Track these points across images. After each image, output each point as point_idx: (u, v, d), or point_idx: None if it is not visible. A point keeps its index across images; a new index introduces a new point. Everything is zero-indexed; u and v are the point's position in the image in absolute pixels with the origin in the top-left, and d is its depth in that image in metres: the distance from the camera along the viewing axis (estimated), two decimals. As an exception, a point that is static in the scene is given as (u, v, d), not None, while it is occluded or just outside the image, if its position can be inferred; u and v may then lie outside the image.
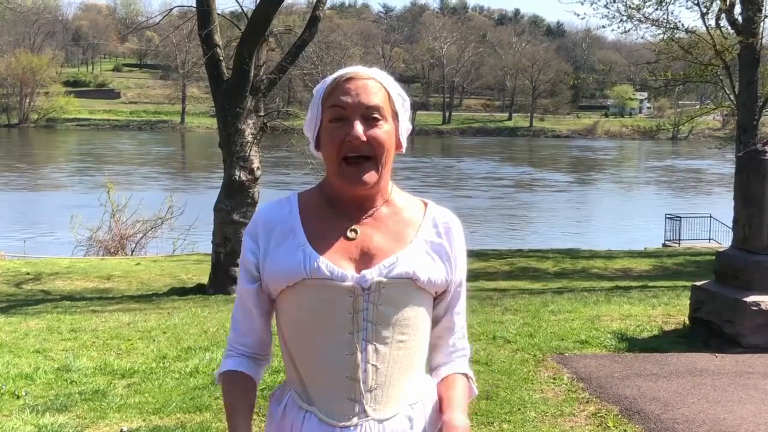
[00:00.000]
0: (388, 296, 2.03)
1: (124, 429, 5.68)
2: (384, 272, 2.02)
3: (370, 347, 2.03)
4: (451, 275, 2.13)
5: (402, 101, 2.11)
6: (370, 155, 2.02)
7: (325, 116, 2.05)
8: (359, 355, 2.02)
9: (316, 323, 2.03)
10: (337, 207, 2.09)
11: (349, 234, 2.06)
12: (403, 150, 2.13)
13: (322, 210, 2.10)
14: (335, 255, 2.03)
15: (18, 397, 6.39)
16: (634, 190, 56.53)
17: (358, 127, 2.00)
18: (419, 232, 2.11)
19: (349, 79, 2.03)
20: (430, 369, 2.20)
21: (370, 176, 2.04)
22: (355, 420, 2.02)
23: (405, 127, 2.12)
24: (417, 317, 2.08)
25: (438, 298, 2.15)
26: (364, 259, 2.04)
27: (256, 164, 15.28)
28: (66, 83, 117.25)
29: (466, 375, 2.19)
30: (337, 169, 2.03)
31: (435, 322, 2.17)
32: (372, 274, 2.02)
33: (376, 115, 2.02)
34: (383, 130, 2.03)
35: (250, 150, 15.18)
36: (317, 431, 2.02)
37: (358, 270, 2.03)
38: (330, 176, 2.08)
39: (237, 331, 2.18)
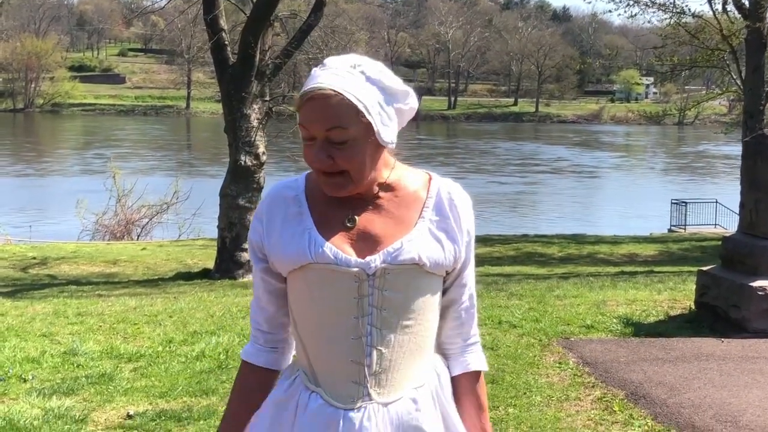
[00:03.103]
0: (394, 281, 2.02)
1: (131, 412, 5.70)
2: (389, 258, 2.01)
3: (375, 332, 2.03)
4: (458, 253, 2.11)
5: (381, 102, 2.00)
6: (340, 171, 2.00)
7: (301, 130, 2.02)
8: (364, 339, 2.02)
9: (322, 307, 2.03)
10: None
11: (348, 223, 2.05)
12: (392, 145, 2.05)
13: (324, 195, 2.09)
14: (339, 240, 2.03)
15: (25, 381, 6.41)
16: (639, 175, 56.44)
17: (319, 154, 1.97)
18: (424, 213, 2.09)
19: (310, 98, 1.96)
20: (439, 343, 2.19)
21: (347, 187, 2.02)
22: (359, 403, 2.02)
23: (388, 128, 2.02)
24: (424, 302, 2.07)
25: (447, 276, 2.14)
26: (369, 245, 2.03)
27: (261, 149, 15.29)
28: (71, 68, 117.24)
29: (479, 372, 2.22)
30: (318, 178, 2.03)
31: (444, 290, 2.16)
32: (376, 260, 2.01)
33: (338, 136, 1.96)
34: (348, 150, 1.97)
35: (256, 135, 15.18)
36: (322, 412, 2.02)
37: (362, 255, 2.02)
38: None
39: (252, 309, 2.21)
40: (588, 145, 77.10)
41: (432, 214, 2.09)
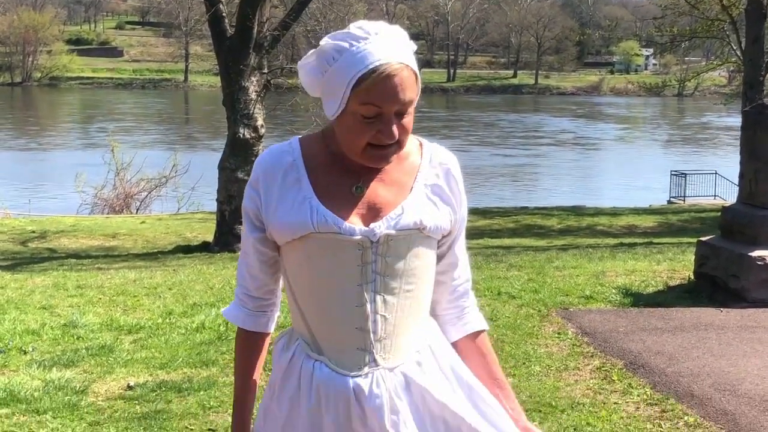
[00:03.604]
0: (396, 248, 2.03)
1: (131, 383, 5.72)
2: (392, 224, 2.02)
3: (379, 298, 2.03)
4: (454, 215, 2.14)
5: (415, 60, 2.04)
6: (396, 142, 2.00)
7: (354, 104, 1.95)
8: (368, 306, 2.02)
9: (325, 276, 2.03)
10: (343, 162, 2.06)
11: (355, 191, 2.04)
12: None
13: (327, 162, 2.07)
14: (342, 209, 2.02)
15: (25, 353, 6.43)
16: (640, 147, 56.32)
17: (394, 129, 1.96)
18: (418, 178, 2.10)
19: (387, 75, 1.93)
20: (434, 308, 2.20)
21: (393, 157, 2.04)
22: (366, 369, 2.03)
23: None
24: (423, 265, 2.09)
25: (442, 240, 2.15)
26: (371, 212, 2.03)
27: (260, 122, 15.24)
28: (68, 42, 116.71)
29: (481, 330, 2.26)
30: (360, 151, 2.00)
31: (438, 259, 2.17)
32: (380, 227, 2.01)
33: (408, 108, 1.99)
34: (408, 120, 2.01)
35: (254, 108, 15.12)
36: (329, 380, 2.02)
37: (366, 223, 2.01)
38: (348, 151, 2.03)
39: (241, 274, 2.19)
40: (590, 117, 76.95)
41: (426, 178, 2.11)
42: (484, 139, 56.35)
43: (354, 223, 2.01)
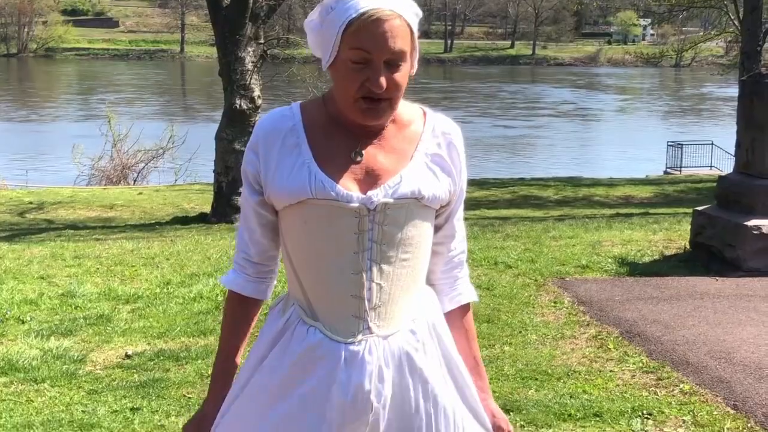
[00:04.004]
0: (393, 216, 2.03)
1: (129, 352, 5.75)
2: (390, 193, 2.01)
3: (375, 266, 2.03)
4: (453, 186, 2.13)
5: (416, 21, 2.03)
6: (387, 98, 1.99)
7: (344, 50, 1.96)
8: (364, 274, 2.03)
9: (321, 243, 2.03)
10: (343, 126, 2.06)
11: (355, 157, 2.04)
12: (414, 71, 2.08)
13: (327, 127, 2.07)
14: (340, 175, 2.01)
15: (23, 323, 6.45)
16: (639, 117, 56.18)
17: (382, 79, 1.95)
18: (419, 146, 2.09)
19: (376, 20, 1.93)
20: (429, 277, 2.21)
21: (386, 115, 2.02)
22: (359, 336, 2.03)
23: (417, 52, 2.07)
24: (420, 235, 2.09)
25: (440, 209, 2.15)
26: (369, 179, 2.03)
27: (256, 92, 15.19)
28: (64, 12, 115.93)
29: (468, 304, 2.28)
30: (352, 105, 1.99)
31: (436, 229, 2.18)
32: (378, 195, 2.01)
33: (399, 59, 1.98)
34: (402, 72, 1.99)
35: (251, 78, 15.07)
36: (322, 346, 2.03)
37: (364, 191, 2.01)
38: (340, 105, 2.04)
39: (241, 240, 2.18)
40: (590, 88, 76.69)
41: (427, 147, 2.10)
42: (486, 111, 56.17)
43: (351, 190, 2.00)
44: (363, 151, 2.05)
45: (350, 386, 1.99)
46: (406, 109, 2.13)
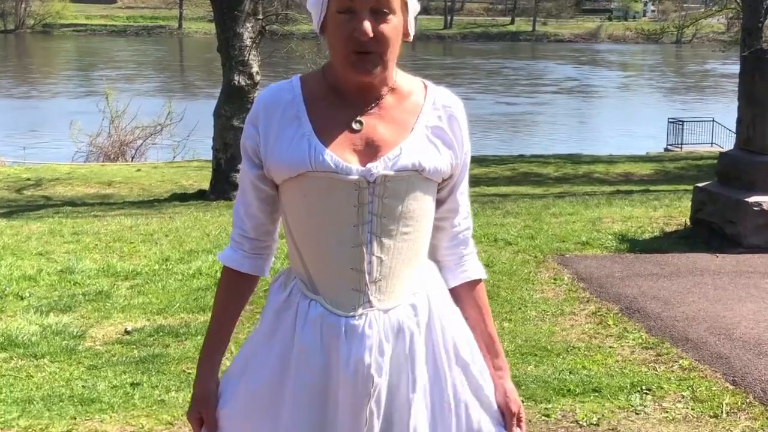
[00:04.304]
0: (394, 189, 2.01)
1: (129, 328, 5.75)
2: (389, 165, 1.99)
3: (375, 240, 2.02)
4: (455, 160, 2.11)
5: None
6: (376, 50, 1.97)
7: (332, 2, 1.97)
8: (364, 247, 2.01)
9: (321, 216, 2.01)
10: (342, 96, 2.04)
11: (354, 126, 2.02)
12: (411, 38, 2.06)
13: (326, 98, 2.05)
14: (340, 147, 2.00)
15: (22, 299, 6.45)
16: (640, 94, 56.01)
17: (366, 25, 1.93)
18: (420, 118, 2.07)
19: None
20: (434, 253, 2.20)
21: (376, 69, 1.99)
22: (360, 310, 2.02)
23: (413, 14, 2.05)
24: (421, 208, 2.07)
25: (442, 183, 2.13)
26: (369, 151, 2.01)
27: (255, 68, 15.11)
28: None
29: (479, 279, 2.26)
30: (343, 59, 1.98)
31: (439, 204, 2.16)
32: (377, 167, 1.99)
33: (385, 10, 1.95)
34: (391, 26, 1.97)
35: (249, 54, 14.99)
36: (322, 319, 2.02)
37: (363, 163, 1.99)
38: (335, 65, 2.03)
39: (238, 215, 2.16)
40: (594, 64, 76.41)
41: (428, 120, 2.08)
42: (489, 87, 55.97)
43: (351, 162, 1.99)
44: (363, 121, 2.03)
45: (350, 360, 1.99)
46: (406, 81, 2.11)
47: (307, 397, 2.01)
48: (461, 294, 2.22)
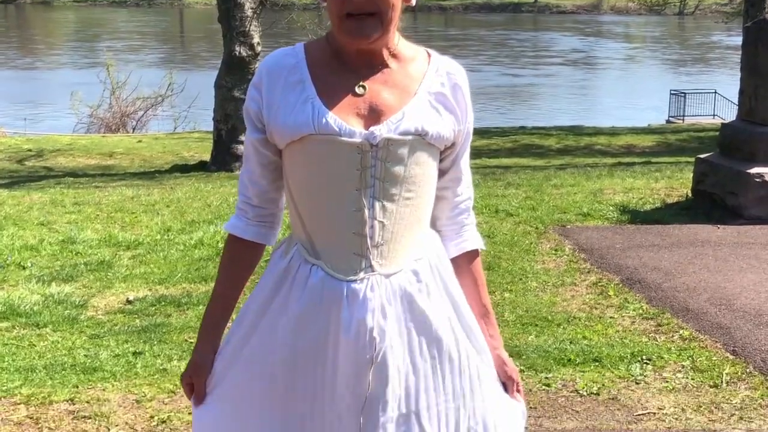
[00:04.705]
0: (396, 153, 2.00)
1: (131, 298, 5.76)
2: (392, 129, 1.99)
3: (377, 204, 2.02)
4: (458, 126, 2.11)
5: None
6: (374, 11, 1.96)
7: None
8: (366, 211, 2.01)
9: (323, 179, 2.01)
10: (345, 61, 2.04)
11: (358, 90, 2.02)
12: (413, 2, 2.06)
13: (329, 64, 2.05)
14: (344, 110, 1.99)
15: (24, 268, 6.47)
16: (646, 66, 55.75)
17: None
18: (423, 84, 2.07)
19: None
20: (435, 223, 2.20)
21: (373, 32, 1.97)
22: (361, 274, 2.02)
23: None
24: (424, 174, 2.07)
25: (445, 152, 2.13)
26: (373, 115, 2.01)
27: (256, 39, 15.05)
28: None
29: (476, 250, 2.25)
30: (339, 24, 1.97)
31: (442, 173, 2.16)
32: (381, 130, 1.99)
33: None
34: None
35: (250, 25, 14.92)
36: (324, 284, 2.02)
37: (367, 126, 1.99)
38: (335, 31, 2.02)
39: (242, 183, 2.16)
40: (599, 35, 75.96)
41: (431, 86, 2.08)
42: (494, 59, 55.70)
43: (354, 125, 1.98)
44: (366, 85, 2.02)
45: (352, 323, 1.99)
46: (409, 49, 2.11)
47: (304, 361, 2.02)
48: (459, 264, 2.22)
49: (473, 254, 2.26)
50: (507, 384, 2.24)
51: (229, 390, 2.12)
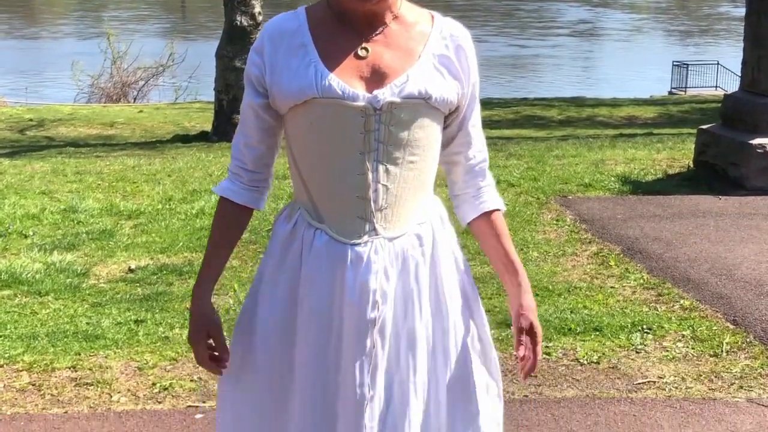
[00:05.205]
0: (400, 117, 2.00)
1: (132, 266, 5.78)
2: (396, 92, 1.98)
3: (381, 167, 2.01)
4: (462, 89, 2.09)
5: None
6: None
7: None
8: (370, 175, 2.01)
9: (327, 143, 2.01)
10: (347, 24, 2.03)
11: (360, 52, 2.01)
12: None
13: (331, 27, 2.04)
14: (347, 74, 1.98)
15: (26, 237, 6.48)
16: (648, 36, 55.45)
17: None
18: (426, 47, 2.05)
19: None
20: (453, 188, 2.21)
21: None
22: (365, 238, 2.02)
23: None
24: (428, 137, 2.06)
25: (450, 116, 2.12)
26: (376, 78, 1.99)
27: (257, 9, 14.97)
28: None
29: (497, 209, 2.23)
30: None
31: (451, 139, 2.15)
32: (384, 94, 1.98)
33: None
34: None
35: (251, -7, 14.84)
36: (328, 248, 2.03)
37: (370, 90, 1.98)
38: None
39: (237, 148, 2.15)
40: (606, 6, 75.42)
41: (434, 48, 2.07)
42: (502, 30, 55.36)
43: (357, 89, 1.98)
44: (368, 48, 2.01)
45: (356, 285, 2.00)
46: (412, 11, 2.10)
47: (312, 323, 2.03)
48: (480, 226, 2.22)
49: (491, 213, 2.23)
50: (515, 331, 2.23)
51: (250, 358, 2.13)
